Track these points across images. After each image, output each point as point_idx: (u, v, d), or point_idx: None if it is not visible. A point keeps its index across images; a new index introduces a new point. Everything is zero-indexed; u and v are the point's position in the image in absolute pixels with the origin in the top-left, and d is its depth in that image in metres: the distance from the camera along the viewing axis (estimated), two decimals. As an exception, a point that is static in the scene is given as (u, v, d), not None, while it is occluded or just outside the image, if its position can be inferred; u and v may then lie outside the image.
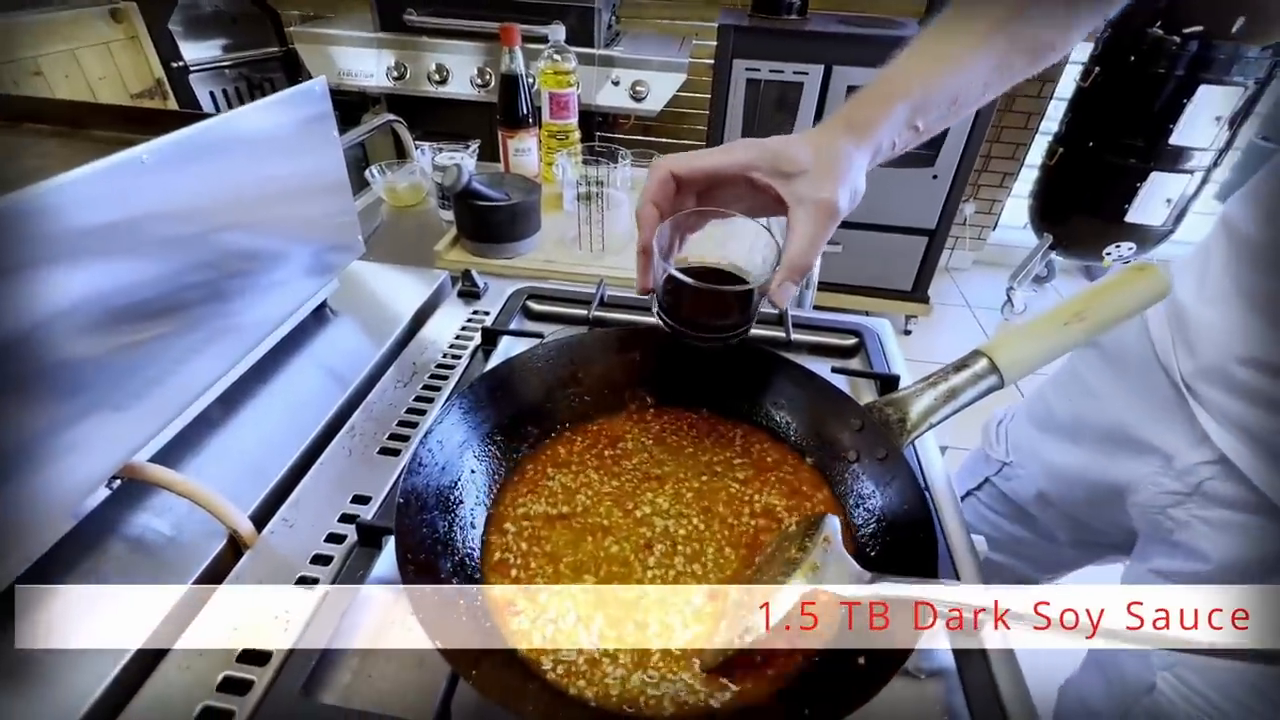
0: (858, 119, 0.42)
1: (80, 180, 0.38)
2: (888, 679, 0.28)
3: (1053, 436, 0.67)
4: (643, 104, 1.73)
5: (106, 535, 0.46)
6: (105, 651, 0.38)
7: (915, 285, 2.17)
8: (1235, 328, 0.47)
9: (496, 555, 0.40)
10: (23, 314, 0.36)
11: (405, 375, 0.63)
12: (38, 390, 0.38)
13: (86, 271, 0.40)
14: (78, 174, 0.38)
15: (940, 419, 0.41)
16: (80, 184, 0.38)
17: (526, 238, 0.87)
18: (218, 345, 0.54)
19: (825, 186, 0.40)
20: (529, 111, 1.01)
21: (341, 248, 0.69)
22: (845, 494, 0.44)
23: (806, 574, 0.34)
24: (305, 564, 0.45)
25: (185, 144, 0.46)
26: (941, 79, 0.42)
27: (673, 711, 0.33)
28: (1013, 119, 2.35)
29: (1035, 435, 0.70)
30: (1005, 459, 0.72)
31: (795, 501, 0.44)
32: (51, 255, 0.37)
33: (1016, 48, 0.42)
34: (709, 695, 0.34)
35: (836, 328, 0.71)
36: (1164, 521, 0.53)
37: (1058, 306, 0.40)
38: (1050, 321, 0.40)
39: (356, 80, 1.76)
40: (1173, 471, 0.52)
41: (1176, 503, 0.52)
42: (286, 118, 0.57)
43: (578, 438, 0.49)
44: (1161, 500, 0.53)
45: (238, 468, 0.52)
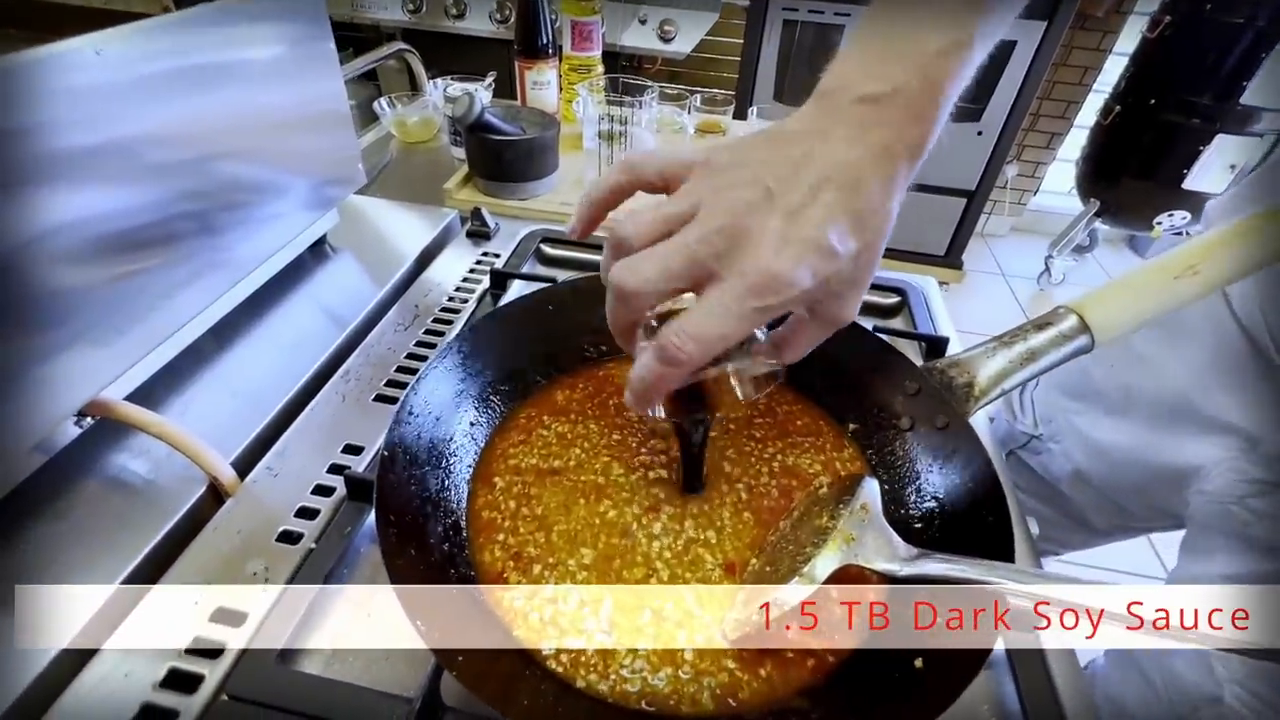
0: (919, 139, 0.32)
1: (15, 71, 0.33)
2: (958, 691, 0.23)
3: (1093, 408, 0.59)
4: (671, 45, 1.63)
5: (79, 475, 0.43)
6: (69, 602, 0.35)
7: (949, 250, 2.07)
8: None
9: (484, 515, 0.35)
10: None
11: (407, 318, 0.58)
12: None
13: (64, 194, 0.36)
14: (9, 62, 0.32)
15: (1015, 384, 0.35)
16: (19, 77, 0.33)
17: (542, 177, 0.81)
18: (205, 279, 0.50)
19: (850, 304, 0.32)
20: (549, 41, 0.93)
21: (340, 180, 0.64)
22: (894, 467, 0.38)
23: (839, 546, 0.30)
24: (290, 517, 0.41)
25: (147, 37, 0.40)
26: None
27: (690, 711, 0.28)
28: (1066, 73, 2.19)
29: (1069, 406, 0.62)
30: (1034, 432, 0.65)
31: (825, 460, 0.39)
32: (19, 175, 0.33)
33: None
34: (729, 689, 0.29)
35: (877, 284, 0.65)
36: (1239, 513, 0.47)
37: (1166, 256, 0.34)
38: (1156, 273, 0.33)
39: (371, 13, 1.67)
40: (1257, 456, 0.46)
41: (1259, 492, 0.45)
42: (274, 27, 0.51)
43: (580, 382, 0.43)
44: (1240, 489, 0.47)
45: (224, 409, 0.48)
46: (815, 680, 0.29)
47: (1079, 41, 2.12)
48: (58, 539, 0.39)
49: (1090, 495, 0.62)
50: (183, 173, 0.45)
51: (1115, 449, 0.57)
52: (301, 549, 0.39)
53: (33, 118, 0.34)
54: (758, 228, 0.25)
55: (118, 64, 0.39)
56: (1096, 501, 0.62)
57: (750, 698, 0.29)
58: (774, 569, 0.31)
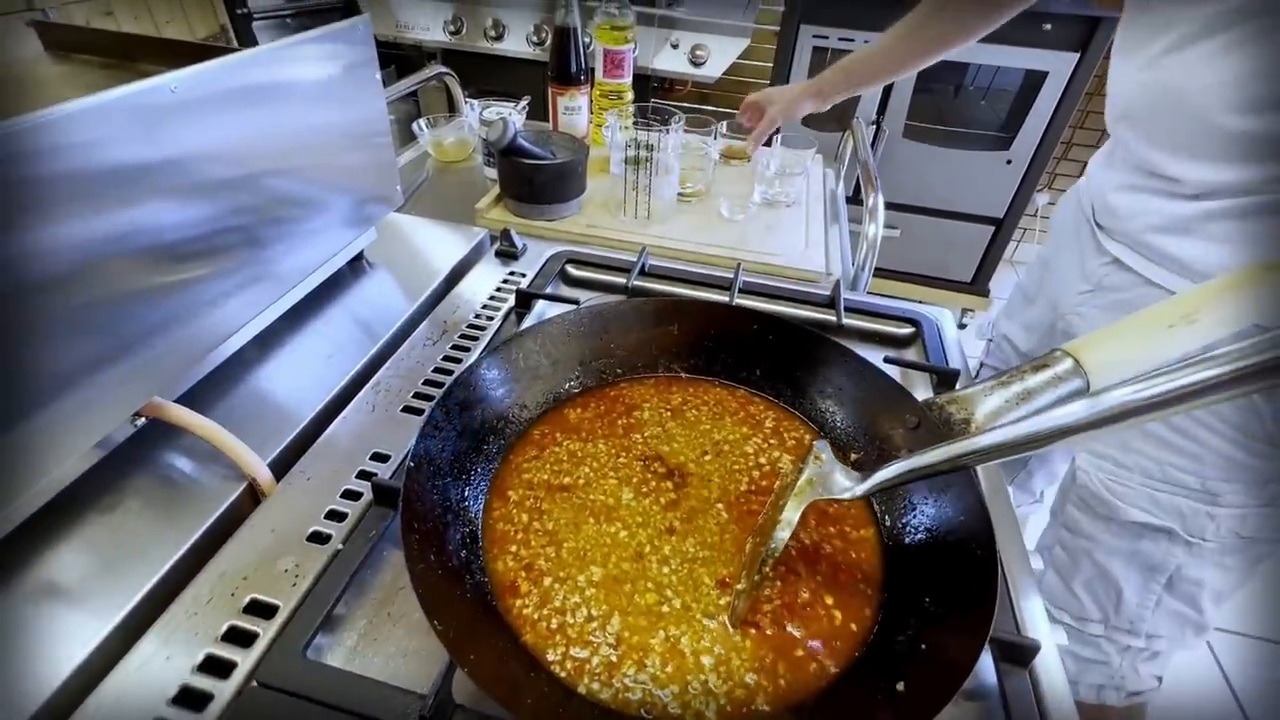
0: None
1: (105, 107, 0.36)
2: (933, 714, 0.25)
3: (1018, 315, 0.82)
4: (701, 69, 1.66)
5: (132, 470, 0.46)
6: (118, 587, 0.38)
7: (975, 277, 2.05)
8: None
9: (499, 526, 0.38)
10: (60, 248, 0.35)
11: (436, 333, 0.61)
12: (69, 324, 0.37)
13: (125, 209, 0.39)
14: (100, 100, 0.36)
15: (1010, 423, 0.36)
16: (109, 114, 0.37)
17: (569, 200, 0.84)
18: (251, 291, 0.53)
19: None
20: (581, 68, 0.96)
21: (380, 199, 0.67)
22: (890, 499, 0.40)
23: (805, 490, 0.35)
24: (320, 519, 0.43)
25: (216, 76, 0.44)
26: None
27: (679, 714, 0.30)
28: (1100, 103, 2.16)
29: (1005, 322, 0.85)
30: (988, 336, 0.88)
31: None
32: (88, 190, 0.36)
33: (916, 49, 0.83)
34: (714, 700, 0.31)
35: (892, 314, 0.66)
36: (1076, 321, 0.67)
37: (1163, 304, 0.35)
38: (1152, 321, 0.35)
39: (413, 33, 1.74)
40: (1083, 273, 0.66)
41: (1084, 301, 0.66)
42: (327, 58, 0.55)
43: (591, 401, 0.46)
44: (1075, 301, 0.67)
45: (264, 414, 0.52)
46: (804, 700, 0.30)
47: (1114, 71, 2.10)
48: (111, 527, 0.42)
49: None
50: (234, 189, 0.48)
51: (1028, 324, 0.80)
52: (330, 549, 0.41)
53: (121, 146, 0.38)
54: None
55: (188, 96, 0.42)
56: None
57: (747, 714, 0.31)
58: (763, 539, 0.35)
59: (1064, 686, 0.37)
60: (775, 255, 0.80)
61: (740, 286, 0.66)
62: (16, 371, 0.35)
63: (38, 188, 0.34)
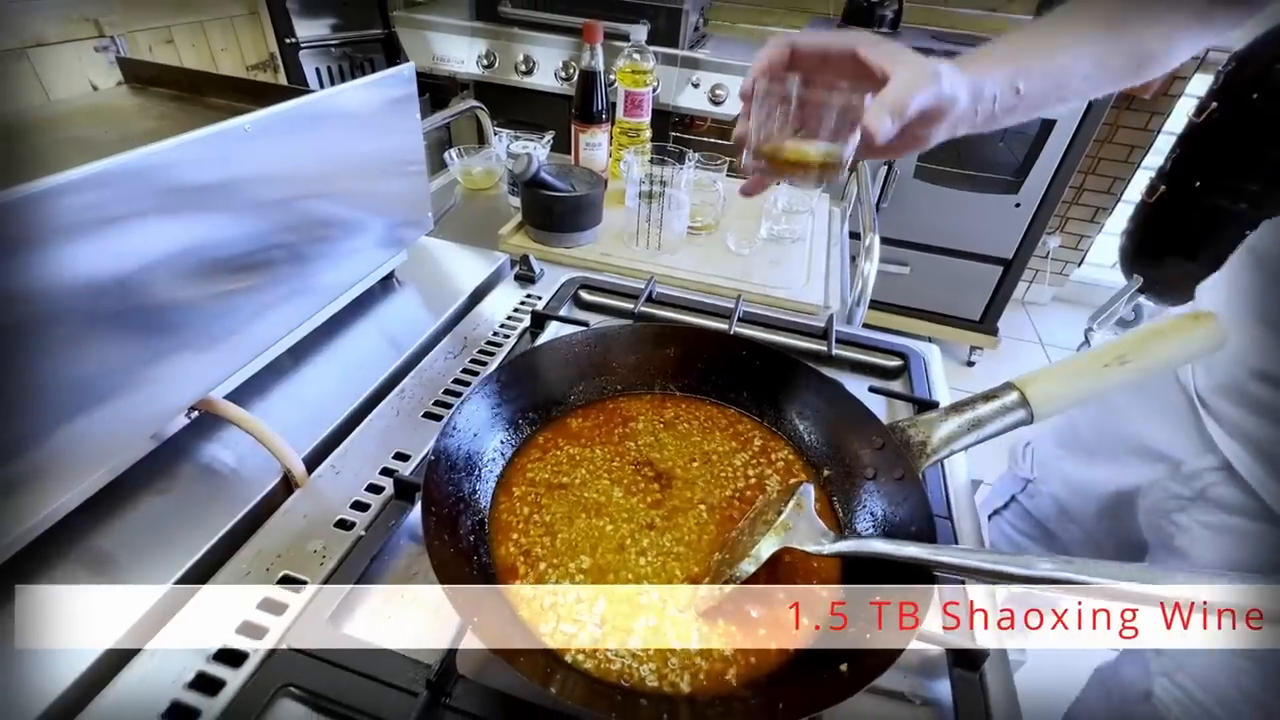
0: (962, 62, 0.45)
1: (191, 143, 0.43)
2: (862, 686, 0.29)
3: (1075, 453, 0.68)
4: (721, 107, 1.74)
5: (179, 461, 0.52)
6: (168, 559, 0.43)
7: (984, 316, 2.09)
8: (1251, 344, 0.48)
9: (503, 517, 0.43)
10: (132, 258, 0.41)
11: (456, 348, 0.67)
12: (133, 325, 0.43)
13: (188, 225, 0.45)
14: (192, 137, 0.42)
15: (962, 447, 0.41)
16: (191, 146, 0.43)
17: (586, 229, 0.90)
18: (294, 302, 0.59)
19: (926, 64, 0.42)
20: (603, 108, 1.03)
21: (413, 223, 0.74)
22: (857, 509, 0.44)
23: (780, 533, 0.38)
24: (346, 508, 0.49)
25: (284, 117, 0.51)
26: (1042, 58, 0.46)
27: (655, 686, 0.34)
28: (1113, 150, 2.22)
29: (1059, 453, 0.71)
30: (1030, 475, 0.74)
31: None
32: (160, 207, 0.42)
33: (1116, 49, 0.46)
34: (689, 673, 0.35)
35: (882, 347, 0.71)
36: (1167, 527, 0.54)
37: (1101, 347, 0.39)
38: (1090, 361, 0.39)
39: (448, 66, 1.84)
40: (1180, 477, 0.54)
41: (1181, 508, 0.54)
42: (376, 98, 0.62)
43: (592, 412, 0.51)
44: (1168, 505, 0.55)
45: (298, 415, 0.57)
46: (757, 677, 0.35)
47: (1125, 121, 2.15)
48: (163, 509, 0.48)
49: (1073, 531, 0.69)
50: (282, 209, 0.54)
51: (1085, 482, 0.65)
52: (353, 535, 0.46)
53: (202, 173, 0.44)
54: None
55: (257, 131, 0.49)
56: (1078, 538, 0.69)
57: (708, 685, 0.35)
58: (731, 557, 0.39)
59: (1010, 689, 0.40)
60: (775, 288, 0.85)
61: (740, 316, 0.71)
62: (93, 368, 0.41)
63: (142, 205, 0.40)
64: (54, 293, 0.37)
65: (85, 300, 0.39)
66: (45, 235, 0.36)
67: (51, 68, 1.50)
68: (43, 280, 0.36)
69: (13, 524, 0.40)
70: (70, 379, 0.40)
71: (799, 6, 2.11)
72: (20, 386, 0.37)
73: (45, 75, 1.50)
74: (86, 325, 0.40)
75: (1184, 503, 0.53)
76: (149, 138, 0.41)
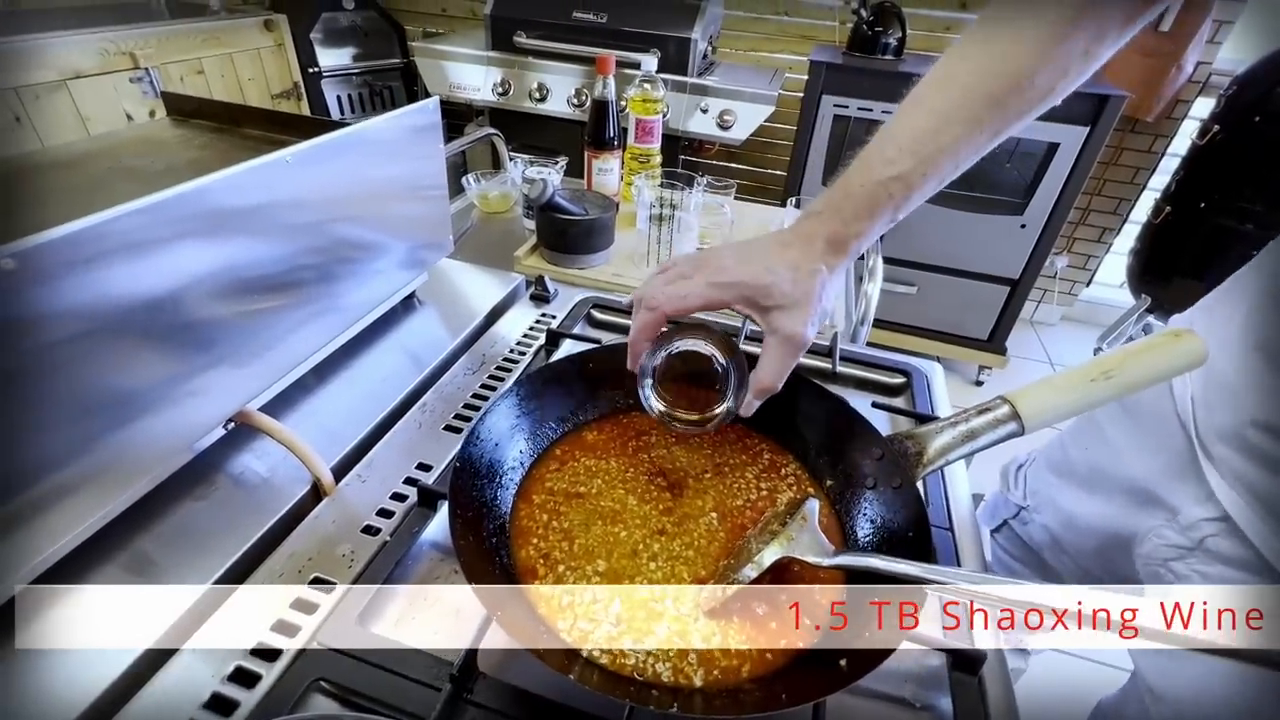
0: (841, 236, 0.44)
1: (240, 174, 0.47)
2: (857, 678, 0.31)
3: (1069, 484, 0.68)
4: (729, 132, 1.78)
5: (216, 470, 0.55)
6: (206, 562, 0.46)
7: (992, 335, 2.10)
8: (1254, 386, 0.47)
9: (523, 522, 0.45)
10: (178, 278, 0.45)
11: (475, 364, 0.70)
12: (176, 341, 0.46)
13: (227, 248, 0.49)
14: (240, 169, 0.46)
15: (956, 457, 0.43)
16: (238, 176, 0.47)
17: (598, 251, 0.94)
18: (322, 321, 0.62)
19: (798, 321, 0.43)
20: (615, 135, 1.08)
21: (434, 246, 0.77)
22: (858, 516, 0.46)
23: (783, 544, 0.40)
24: (372, 515, 0.51)
25: (321, 148, 0.54)
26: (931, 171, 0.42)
27: (670, 680, 0.36)
28: (1118, 172, 2.24)
29: (1053, 481, 0.70)
30: (1023, 503, 0.74)
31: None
32: (204, 232, 0.46)
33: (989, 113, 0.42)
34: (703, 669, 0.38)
35: (885, 365, 0.73)
36: (1164, 574, 0.54)
37: (1089, 362, 0.41)
38: (1078, 376, 0.41)
39: (465, 93, 1.91)
40: (1177, 525, 0.53)
41: (1178, 556, 0.53)
42: (402, 129, 0.65)
43: (607, 426, 0.54)
44: (1164, 553, 0.54)
45: (325, 427, 0.60)
46: (765, 674, 0.37)
47: (1129, 143, 2.18)
48: (198, 516, 0.50)
49: (1065, 561, 0.69)
50: (314, 233, 0.57)
51: (1082, 518, 0.65)
52: (379, 540, 0.49)
53: (245, 199, 0.48)
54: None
55: (297, 162, 0.52)
56: (1070, 568, 0.69)
57: (719, 678, 0.37)
58: (736, 562, 0.41)
59: (1009, 695, 0.42)
60: (782, 307, 0.87)
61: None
62: (141, 382, 0.44)
63: (189, 230, 0.44)
64: (112, 311, 0.40)
65: (140, 318, 0.42)
66: (109, 259, 0.39)
67: (89, 98, 1.58)
68: (105, 300, 0.40)
69: (65, 529, 0.43)
70: (120, 393, 0.43)
71: (804, 34, 2.17)
72: (77, 401, 0.40)
73: (83, 105, 1.57)
74: (138, 342, 0.43)
75: (1182, 552, 0.53)
76: (193, 167, 0.45)
